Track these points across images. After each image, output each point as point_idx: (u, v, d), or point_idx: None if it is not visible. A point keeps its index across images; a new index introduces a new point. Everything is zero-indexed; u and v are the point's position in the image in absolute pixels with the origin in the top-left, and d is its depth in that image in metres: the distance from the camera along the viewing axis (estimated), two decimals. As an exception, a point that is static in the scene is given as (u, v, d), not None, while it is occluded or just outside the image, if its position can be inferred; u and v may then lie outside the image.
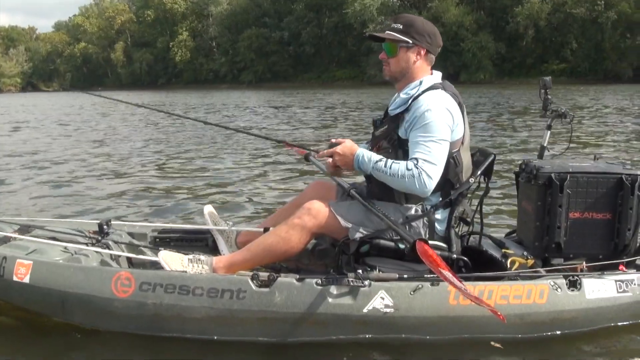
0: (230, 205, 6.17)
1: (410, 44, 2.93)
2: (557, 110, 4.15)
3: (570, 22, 61.48)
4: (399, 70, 2.99)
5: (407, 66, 2.97)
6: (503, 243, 3.46)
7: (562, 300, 2.85)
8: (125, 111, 24.57)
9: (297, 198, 3.46)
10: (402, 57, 2.96)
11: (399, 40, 2.94)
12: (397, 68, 2.99)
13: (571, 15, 60.85)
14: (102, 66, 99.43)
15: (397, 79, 3.03)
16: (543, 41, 63.06)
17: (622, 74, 54.89)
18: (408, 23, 2.96)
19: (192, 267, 2.92)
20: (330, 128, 15.38)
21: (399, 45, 2.95)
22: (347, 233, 2.92)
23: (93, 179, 8.02)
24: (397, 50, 2.95)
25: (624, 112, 18.95)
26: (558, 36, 62.58)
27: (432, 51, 2.99)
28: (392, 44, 2.97)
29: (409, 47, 2.94)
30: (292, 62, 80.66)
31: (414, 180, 2.72)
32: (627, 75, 54.91)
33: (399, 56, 2.96)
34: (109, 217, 3.58)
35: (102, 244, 3.29)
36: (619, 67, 56.92)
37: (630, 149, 10.30)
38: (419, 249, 2.59)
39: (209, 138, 12.93)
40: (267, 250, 2.93)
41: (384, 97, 33.28)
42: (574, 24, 61.50)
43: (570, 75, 58.85)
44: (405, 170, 2.74)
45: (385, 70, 3.05)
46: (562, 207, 3.09)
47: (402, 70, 2.99)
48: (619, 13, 58.12)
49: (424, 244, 2.65)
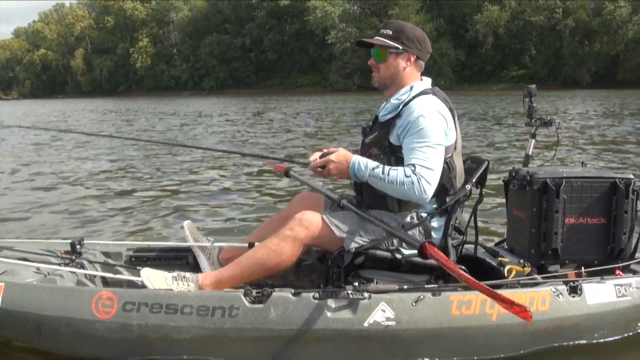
0: (210, 221, 5.92)
1: (400, 50, 2.86)
2: (542, 118, 4.09)
3: (529, 29, 63.10)
4: (388, 76, 2.91)
5: (396, 72, 2.89)
6: (497, 252, 3.39)
7: (564, 306, 2.79)
8: (90, 120, 24.00)
9: (283, 211, 3.31)
10: (391, 63, 2.89)
11: (389, 46, 2.86)
12: (386, 74, 2.91)
13: (530, 23, 62.49)
14: (61, 73, 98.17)
15: (386, 85, 2.94)
16: (502, 48, 64.55)
17: (581, 79, 56.42)
18: (398, 29, 2.88)
19: (177, 285, 2.74)
20: (307, 137, 15.07)
21: (388, 51, 2.87)
22: (341, 244, 2.79)
23: (59, 196, 7.55)
24: (386, 56, 2.88)
25: (587, 117, 19.36)
26: (517, 43, 64.17)
27: (421, 57, 2.92)
28: (381, 50, 2.89)
29: (399, 53, 2.87)
30: (254, 68, 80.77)
31: (413, 187, 2.62)
32: (586, 80, 56.53)
33: (389, 62, 2.89)
34: (81, 236, 3.35)
35: (76, 264, 3.09)
36: (577, 73, 58.65)
37: (603, 153, 10.42)
38: (429, 252, 2.47)
39: (182, 150, 12.34)
40: (258, 265, 2.77)
41: (352, 104, 33.46)
42: (532, 31, 63.16)
43: (529, 81, 58.37)
44: (404, 177, 2.64)
45: (375, 76, 2.96)
46: (558, 212, 3.04)
47: (391, 76, 2.91)
48: (576, 20, 59.95)
49: (432, 245, 2.53)
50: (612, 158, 9.81)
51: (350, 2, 69.68)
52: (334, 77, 69.32)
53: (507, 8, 63.82)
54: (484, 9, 64.11)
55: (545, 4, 62.03)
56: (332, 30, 68.14)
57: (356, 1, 69.90)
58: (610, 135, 13.77)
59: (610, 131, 14.71)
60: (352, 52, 66.87)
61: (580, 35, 60.24)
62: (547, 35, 62.59)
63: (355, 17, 69.44)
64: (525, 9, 63.03)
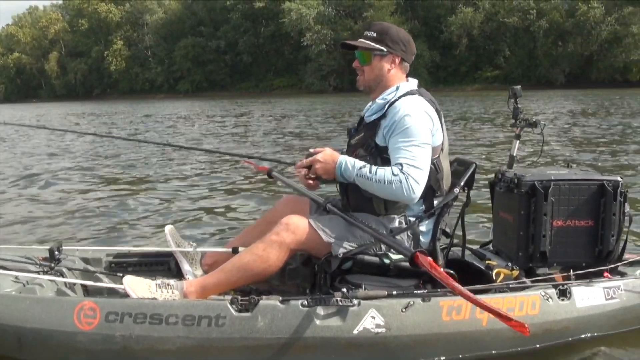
0: (191, 225, 5.73)
1: (384, 52, 2.83)
2: (527, 119, 4.07)
3: (503, 30, 63.83)
4: (372, 78, 2.87)
5: (381, 74, 2.86)
6: (483, 254, 3.37)
7: (553, 310, 2.77)
8: (66, 122, 23.59)
9: (267, 215, 3.24)
10: (376, 66, 2.85)
11: (373, 48, 2.83)
12: (371, 76, 2.87)
13: (504, 24, 63.23)
14: (36, 77, 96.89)
15: (371, 87, 2.91)
16: (476, 49, 65.19)
17: (555, 79, 57.15)
18: (382, 31, 2.85)
19: (161, 293, 2.66)
20: (290, 138, 14.93)
21: (373, 53, 2.83)
22: (329, 249, 2.73)
23: (33, 201, 7.30)
24: (370, 58, 2.84)
25: (564, 117, 19.53)
26: (491, 44, 64.88)
27: (406, 59, 2.90)
28: (365, 52, 2.85)
29: (383, 55, 2.83)
30: (230, 71, 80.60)
31: (401, 185, 2.57)
32: (560, 81, 57.29)
33: (373, 64, 2.85)
34: (59, 242, 3.21)
35: (56, 272, 2.97)
36: (551, 73, 59.43)
37: (582, 152, 10.48)
38: (421, 261, 2.43)
39: (159, 153, 12.10)
40: (243, 270, 2.70)
41: (330, 105, 33.41)
42: (506, 32, 63.89)
43: (504, 82, 60.67)
44: (391, 176, 2.59)
45: (360, 79, 2.92)
46: (546, 215, 3.02)
47: (376, 78, 2.87)
48: (550, 22, 60.82)
49: (425, 255, 2.48)
50: (591, 158, 9.87)
51: (325, 4, 69.78)
52: (310, 79, 69.44)
53: (481, 9, 64.46)
54: (458, 10, 64.66)
55: (519, 6, 62.75)
56: (308, 32, 68.20)
57: (331, 3, 70.01)
58: (589, 134, 13.87)
59: (589, 130, 14.85)
60: (328, 54, 67.09)
61: (554, 36, 61.03)
62: (521, 36, 63.31)
63: (331, 19, 69.55)
64: (499, 10, 63.71)
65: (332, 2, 69.93)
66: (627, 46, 56.62)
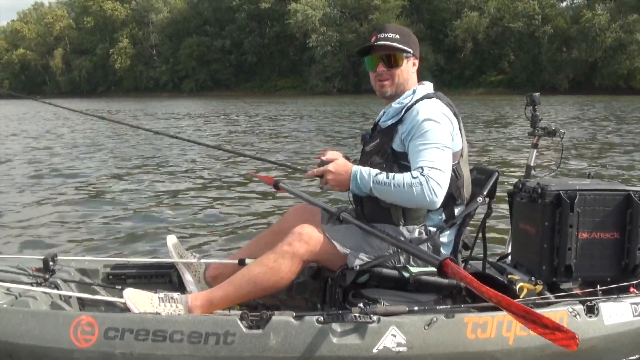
0: (195, 235, 5.50)
1: (410, 54, 2.71)
2: (547, 128, 3.88)
3: (507, 35, 63.98)
4: (402, 82, 2.72)
5: (408, 77, 2.73)
6: (503, 268, 3.21)
7: (581, 327, 2.60)
8: (63, 123, 23.20)
9: (277, 224, 3.07)
10: (405, 68, 2.71)
11: (404, 50, 2.69)
12: (401, 80, 2.71)
13: (509, 29, 63.37)
14: (40, 73, 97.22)
15: (397, 93, 2.74)
16: (481, 53, 65.33)
17: (559, 85, 57.13)
18: (403, 32, 2.72)
19: (165, 308, 2.49)
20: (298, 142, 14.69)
21: (404, 55, 2.70)
22: (344, 261, 2.57)
23: (27, 206, 6.95)
24: (402, 60, 2.70)
25: (572, 123, 19.36)
26: (496, 49, 65.03)
27: (420, 62, 2.81)
28: (398, 54, 2.69)
29: (408, 57, 2.71)
30: (234, 70, 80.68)
31: (422, 189, 2.40)
32: (564, 87, 57.25)
33: (403, 67, 2.71)
34: (54, 252, 3.04)
35: (50, 284, 2.79)
36: (555, 79, 59.48)
37: (596, 160, 10.28)
38: (451, 270, 2.23)
39: (160, 157, 11.66)
40: (253, 283, 2.53)
41: (335, 107, 33.24)
42: (511, 37, 64.04)
43: (508, 86, 61.13)
44: (411, 179, 2.43)
45: (386, 84, 2.72)
46: (572, 227, 2.86)
47: (404, 82, 2.73)
48: (555, 27, 61.05)
49: (456, 263, 2.30)
50: (605, 166, 9.70)
51: (330, 6, 69.81)
52: (314, 81, 69.53)
53: (486, 14, 64.57)
54: (463, 14, 64.83)
55: (524, 11, 62.74)
56: (313, 34, 68.29)
57: (336, 5, 70.04)
58: (601, 142, 13.71)
59: (600, 137, 14.68)
60: (333, 56, 67.16)
61: (558, 42, 61.17)
62: (525, 41, 63.48)
63: (336, 21, 69.60)
64: (504, 15, 63.93)
65: (337, 4, 69.97)
66: (632, 53, 56.68)
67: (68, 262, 3.12)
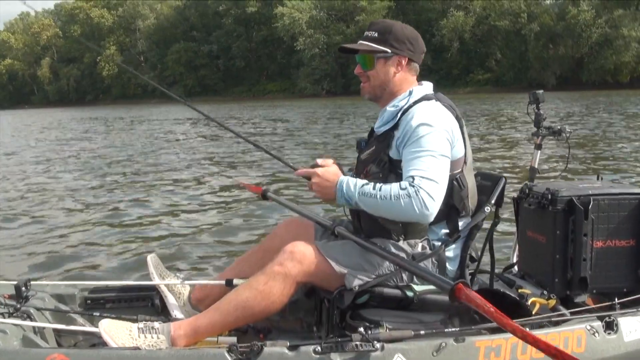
0: (176, 254, 5.17)
1: (389, 54, 2.44)
2: (552, 127, 3.66)
3: (494, 34, 64.25)
4: (378, 84, 2.49)
5: (386, 80, 2.47)
6: (512, 280, 2.98)
7: (601, 346, 2.41)
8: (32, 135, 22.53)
9: (266, 240, 2.83)
10: (380, 70, 2.46)
11: (376, 50, 2.44)
12: (376, 82, 2.48)
13: (495, 28, 63.68)
14: (28, 83, 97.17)
15: (377, 95, 2.52)
16: (468, 52, 65.58)
17: (546, 82, 57.12)
18: (384, 30, 2.45)
19: (145, 340, 2.25)
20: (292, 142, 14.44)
21: (375, 56, 2.45)
22: (341, 281, 2.34)
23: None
24: (374, 62, 2.45)
25: (561, 121, 19.22)
26: (482, 47, 65.31)
27: (415, 59, 2.50)
28: (367, 56, 2.46)
29: (388, 57, 2.44)
30: (222, 75, 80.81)
31: (411, 200, 2.16)
32: (551, 83, 57.36)
33: (377, 69, 2.46)
34: (27, 277, 2.76)
35: (22, 313, 2.52)
36: (542, 76, 59.61)
37: (598, 160, 10.06)
38: (464, 297, 2.00)
39: (142, 169, 11.09)
40: (242, 308, 2.30)
41: (325, 109, 33.02)
42: (497, 35, 64.31)
43: (495, 84, 61.38)
44: (399, 190, 2.20)
45: (364, 87, 2.53)
46: (587, 235, 2.66)
47: (382, 84, 2.48)
48: (541, 25, 61.36)
49: (467, 287, 2.05)
50: (610, 167, 9.48)
51: (316, 8, 69.79)
52: (303, 83, 69.56)
53: (472, 13, 64.70)
54: (449, 14, 64.89)
55: (510, 9, 62.86)
56: (301, 37, 68.26)
57: (323, 7, 70.02)
58: (596, 137, 13.58)
59: (596, 132, 14.50)
60: (321, 58, 67.12)
61: (544, 39, 61.29)
62: (512, 39, 63.69)
63: (323, 23, 69.57)
64: (490, 13, 64.06)
65: (324, 6, 69.95)
66: (618, 48, 56.78)
67: (43, 287, 2.85)
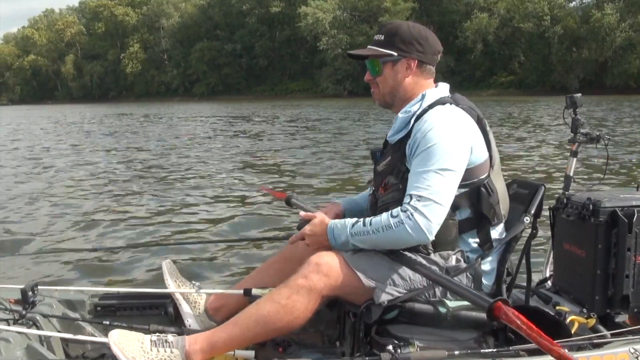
0: (193, 261, 5.01)
1: (395, 57, 2.28)
2: (589, 133, 3.46)
3: (518, 36, 64.01)
4: (388, 91, 2.34)
5: (395, 85, 2.32)
6: (548, 297, 2.80)
7: None
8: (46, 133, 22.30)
9: (286, 250, 2.68)
10: (389, 75, 2.31)
11: (380, 54, 2.29)
12: (386, 89, 2.34)
13: (519, 30, 63.34)
14: (52, 79, 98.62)
15: (388, 102, 2.37)
16: (491, 55, 65.36)
17: (569, 85, 56.59)
18: (391, 31, 2.30)
19: (157, 354, 2.10)
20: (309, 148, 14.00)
21: (381, 60, 2.30)
22: (369, 295, 2.19)
23: (8, 228, 6.29)
24: (381, 67, 2.31)
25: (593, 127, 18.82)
26: (506, 50, 65.03)
27: (426, 60, 2.33)
28: (375, 61, 2.32)
29: (395, 60, 2.29)
30: (245, 74, 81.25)
31: (405, 227, 2.03)
32: (574, 86, 56.68)
33: (385, 74, 2.31)
34: (35, 281, 2.62)
35: (28, 320, 2.40)
36: (565, 79, 59.25)
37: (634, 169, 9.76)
38: (504, 316, 1.85)
39: (161, 171, 10.77)
40: (263, 324, 2.15)
41: (347, 110, 32.84)
42: (521, 38, 64.03)
43: (518, 87, 61.14)
44: (389, 219, 2.07)
45: (375, 94, 2.39)
46: (630, 250, 2.48)
47: (391, 90, 2.33)
48: (565, 28, 61.00)
49: (507, 305, 1.90)
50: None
51: (340, 9, 69.73)
52: (325, 83, 69.63)
53: (496, 15, 64.38)
54: (473, 16, 64.60)
55: (533, 12, 62.33)
56: (324, 37, 68.26)
57: (346, 8, 69.92)
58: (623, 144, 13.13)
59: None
60: (343, 58, 67.04)
61: (568, 42, 60.87)
62: (535, 42, 63.38)
63: (346, 24, 69.51)
64: (514, 16, 63.75)
65: (347, 6, 69.85)
66: (642, 52, 56.10)
67: (51, 292, 2.72)
